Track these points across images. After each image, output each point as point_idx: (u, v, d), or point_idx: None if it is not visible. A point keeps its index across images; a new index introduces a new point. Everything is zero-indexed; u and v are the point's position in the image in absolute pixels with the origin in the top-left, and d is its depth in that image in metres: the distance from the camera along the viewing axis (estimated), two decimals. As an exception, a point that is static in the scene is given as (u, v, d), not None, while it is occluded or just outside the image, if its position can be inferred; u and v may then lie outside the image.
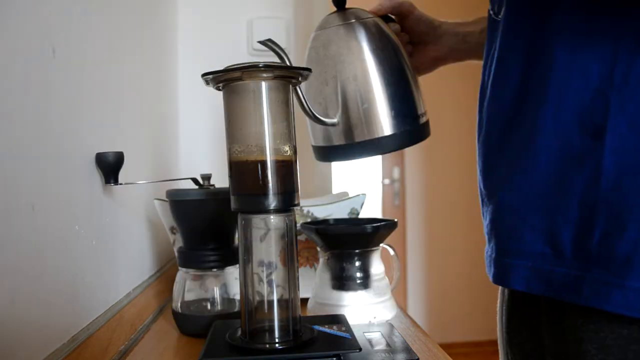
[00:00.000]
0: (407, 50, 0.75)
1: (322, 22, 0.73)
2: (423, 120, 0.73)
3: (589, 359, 0.51)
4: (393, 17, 0.77)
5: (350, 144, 0.70)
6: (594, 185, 0.49)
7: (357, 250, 0.74)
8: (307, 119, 0.70)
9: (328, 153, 0.73)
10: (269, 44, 0.62)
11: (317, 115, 0.67)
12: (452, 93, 3.01)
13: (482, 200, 0.62)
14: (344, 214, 0.90)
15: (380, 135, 0.69)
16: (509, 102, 0.56)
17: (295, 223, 0.58)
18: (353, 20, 0.71)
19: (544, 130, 0.52)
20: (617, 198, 0.48)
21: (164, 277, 0.95)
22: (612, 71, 0.48)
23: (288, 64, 0.63)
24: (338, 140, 0.71)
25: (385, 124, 0.69)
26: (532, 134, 0.53)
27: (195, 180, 0.73)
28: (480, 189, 0.61)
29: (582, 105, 0.49)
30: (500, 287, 0.68)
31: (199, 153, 1.37)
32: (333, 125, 0.70)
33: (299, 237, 0.89)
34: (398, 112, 0.69)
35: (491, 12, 0.59)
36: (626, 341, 0.48)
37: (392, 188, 3.23)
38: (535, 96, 0.53)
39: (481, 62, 0.72)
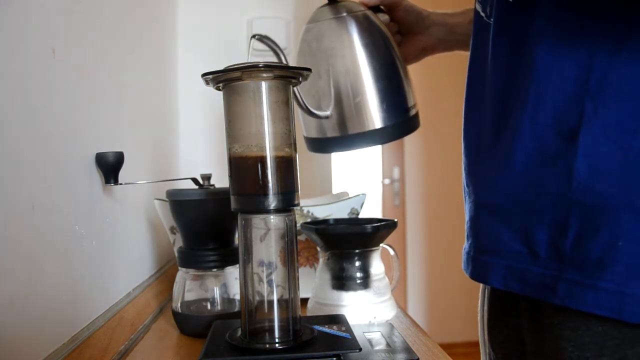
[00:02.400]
0: (395, 40, 0.76)
1: (314, 15, 0.74)
2: (413, 112, 0.74)
3: (566, 356, 0.51)
4: (382, 7, 0.77)
5: (343, 136, 0.71)
6: (567, 187, 0.50)
7: (357, 250, 0.74)
8: (299, 110, 0.70)
9: (320, 144, 0.74)
10: (265, 40, 0.62)
11: (310, 108, 0.68)
12: (452, 94, 3.00)
13: (464, 198, 0.63)
14: (344, 214, 0.90)
15: (373, 127, 0.70)
16: (492, 103, 0.57)
17: (295, 223, 0.58)
18: (345, 14, 0.71)
19: (521, 131, 0.53)
20: (589, 201, 0.49)
21: (164, 277, 0.95)
22: (587, 77, 0.49)
23: (283, 59, 0.63)
24: (331, 132, 0.72)
25: (377, 117, 0.70)
26: (511, 135, 0.54)
27: (195, 180, 0.73)
28: (464, 187, 0.63)
29: (559, 109, 0.50)
30: (480, 288, 0.69)
31: (199, 153, 1.37)
32: (326, 117, 0.70)
33: (299, 237, 0.89)
34: (390, 105, 0.70)
35: (482, 13, 0.60)
36: (602, 338, 0.49)
37: (392, 188, 3.23)
38: (516, 98, 0.54)
39: (468, 53, 0.73)
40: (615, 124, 0.48)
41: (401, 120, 0.72)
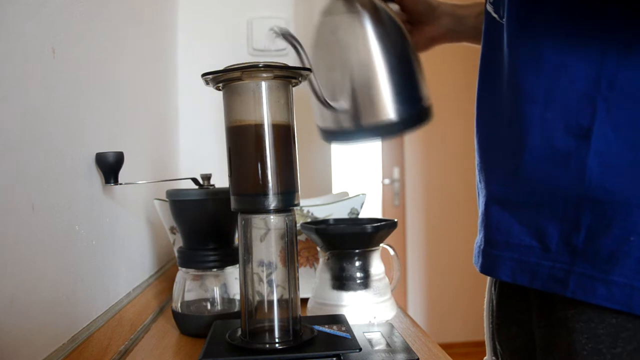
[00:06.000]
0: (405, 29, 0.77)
1: (328, 8, 0.74)
2: (427, 103, 0.75)
3: (579, 349, 0.52)
4: None
5: (358, 128, 0.72)
6: (579, 184, 0.51)
7: (357, 250, 0.74)
8: (313, 102, 0.71)
9: (335, 136, 0.75)
10: (288, 37, 0.63)
11: (327, 101, 0.69)
12: (453, 95, 3.01)
13: (477, 194, 0.64)
14: (344, 214, 0.90)
15: (387, 119, 0.71)
16: (504, 101, 0.58)
17: (295, 223, 0.58)
18: (358, 7, 0.72)
19: (531, 128, 0.54)
20: (601, 197, 0.50)
21: (164, 277, 0.95)
22: (599, 77, 0.49)
23: (303, 55, 0.64)
24: (346, 123, 0.72)
25: (391, 109, 0.71)
26: (521, 132, 0.54)
27: (195, 180, 0.73)
28: (477, 183, 0.63)
29: (569, 107, 0.51)
30: (487, 285, 0.70)
31: (199, 153, 1.37)
32: (342, 110, 0.71)
33: (299, 237, 0.89)
34: (404, 97, 0.71)
35: (495, 14, 0.60)
36: (615, 330, 0.50)
37: (392, 188, 3.23)
38: (527, 97, 0.54)
39: (474, 46, 0.74)
40: (626, 124, 0.49)
41: (415, 112, 0.73)
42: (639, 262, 0.48)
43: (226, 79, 0.55)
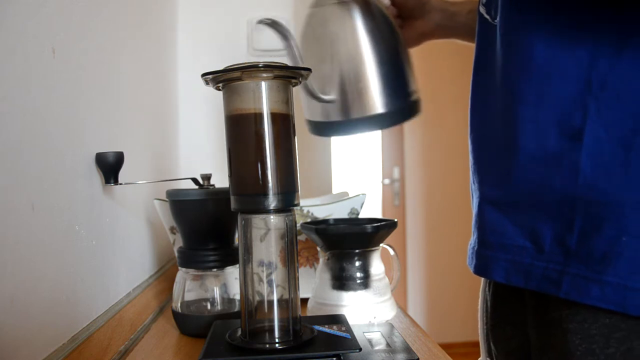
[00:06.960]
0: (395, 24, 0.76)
1: None
2: (414, 97, 0.75)
3: (573, 349, 0.52)
4: None
5: (346, 121, 0.72)
6: (572, 184, 0.51)
7: (357, 250, 0.74)
8: (302, 94, 0.71)
9: (323, 128, 0.75)
10: (276, 26, 0.63)
11: (316, 92, 0.69)
12: (453, 96, 3.01)
13: (471, 195, 0.64)
14: (344, 214, 0.90)
15: (375, 112, 0.71)
16: (497, 102, 0.58)
17: (295, 223, 0.58)
18: None
19: (523, 129, 0.54)
20: (594, 198, 0.50)
21: (164, 277, 0.95)
22: (589, 77, 0.50)
23: (294, 46, 0.63)
24: (334, 116, 0.72)
25: (379, 102, 0.71)
26: (513, 133, 0.55)
27: (195, 180, 0.73)
28: (470, 184, 0.63)
29: (561, 108, 0.51)
30: (481, 287, 0.70)
31: (199, 153, 1.37)
32: (330, 102, 0.71)
33: (299, 237, 0.89)
34: (392, 90, 0.72)
35: (487, 16, 0.60)
36: (609, 330, 0.50)
37: (392, 188, 3.23)
38: (519, 98, 0.54)
39: (465, 43, 0.74)
40: (618, 124, 0.49)
41: (403, 106, 0.73)
42: (631, 262, 0.48)
43: (226, 79, 0.55)
